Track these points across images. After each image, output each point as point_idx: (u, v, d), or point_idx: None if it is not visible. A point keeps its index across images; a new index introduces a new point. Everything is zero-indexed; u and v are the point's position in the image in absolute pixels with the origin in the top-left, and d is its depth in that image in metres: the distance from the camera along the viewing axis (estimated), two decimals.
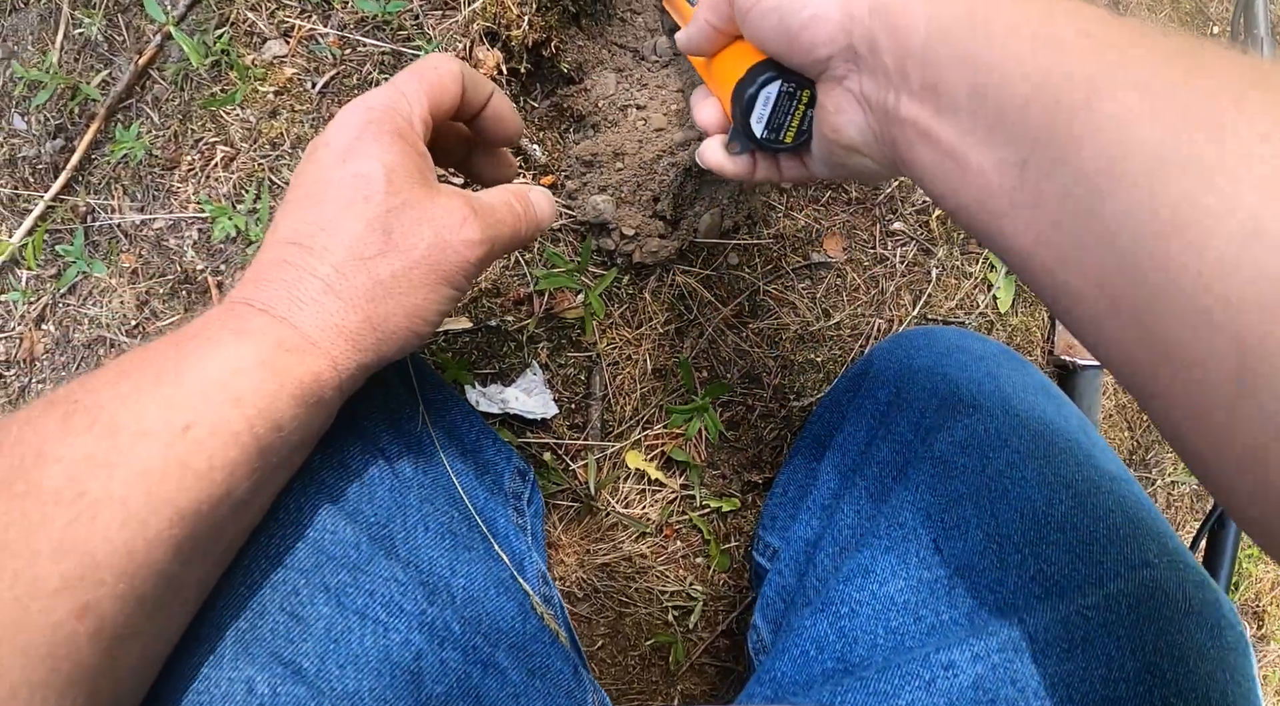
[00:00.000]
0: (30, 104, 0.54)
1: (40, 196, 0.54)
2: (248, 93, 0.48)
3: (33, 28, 0.55)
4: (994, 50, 0.20)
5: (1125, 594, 0.24)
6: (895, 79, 0.22)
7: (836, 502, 0.34)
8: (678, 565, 0.49)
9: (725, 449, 0.48)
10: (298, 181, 0.26)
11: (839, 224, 0.48)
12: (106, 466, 0.19)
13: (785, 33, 0.24)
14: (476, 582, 0.30)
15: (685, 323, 0.47)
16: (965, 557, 0.26)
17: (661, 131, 0.45)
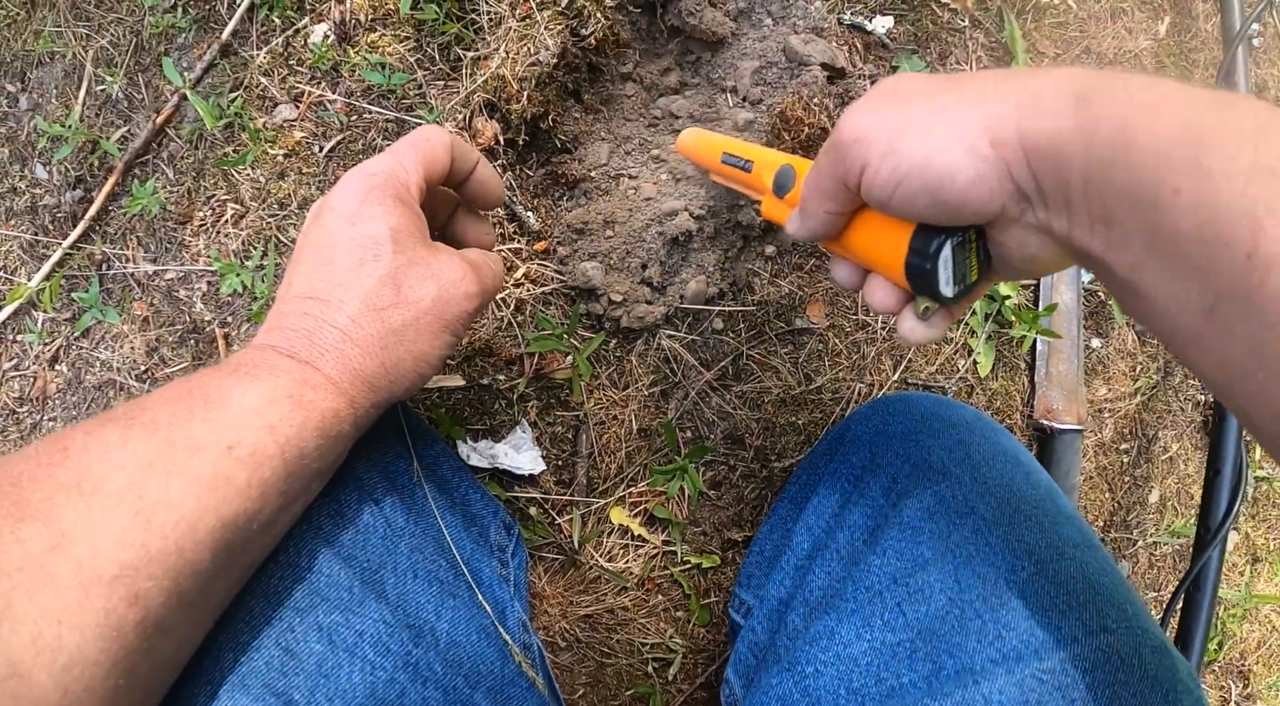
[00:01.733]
0: (52, 156, 0.57)
1: (59, 244, 0.57)
2: (258, 154, 0.51)
3: (57, 83, 0.58)
4: (1161, 190, 0.18)
5: (1082, 658, 0.24)
6: (1065, 211, 0.22)
7: (809, 563, 0.35)
8: (658, 618, 0.50)
9: (707, 506, 0.50)
10: (307, 242, 0.29)
11: (822, 290, 0.49)
12: (164, 474, 0.22)
13: (944, 207, 0.23)
14: (460, 627, 0.31)
15: (670, 384, 0.48)
16: (927, 622, 0.27)
17: (651, 200, 0.47)
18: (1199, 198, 0.18)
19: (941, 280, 0.25)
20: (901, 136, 0.24)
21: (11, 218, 0.60)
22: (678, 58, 0.49)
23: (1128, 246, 0.20)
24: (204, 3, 0.53)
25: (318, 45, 0.50)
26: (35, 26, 0.58)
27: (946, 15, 0.51)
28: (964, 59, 0.52)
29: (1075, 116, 0.20)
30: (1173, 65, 0.61)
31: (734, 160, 0.38)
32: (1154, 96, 0.20)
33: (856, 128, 0.25)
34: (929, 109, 0.24)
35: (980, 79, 0.24)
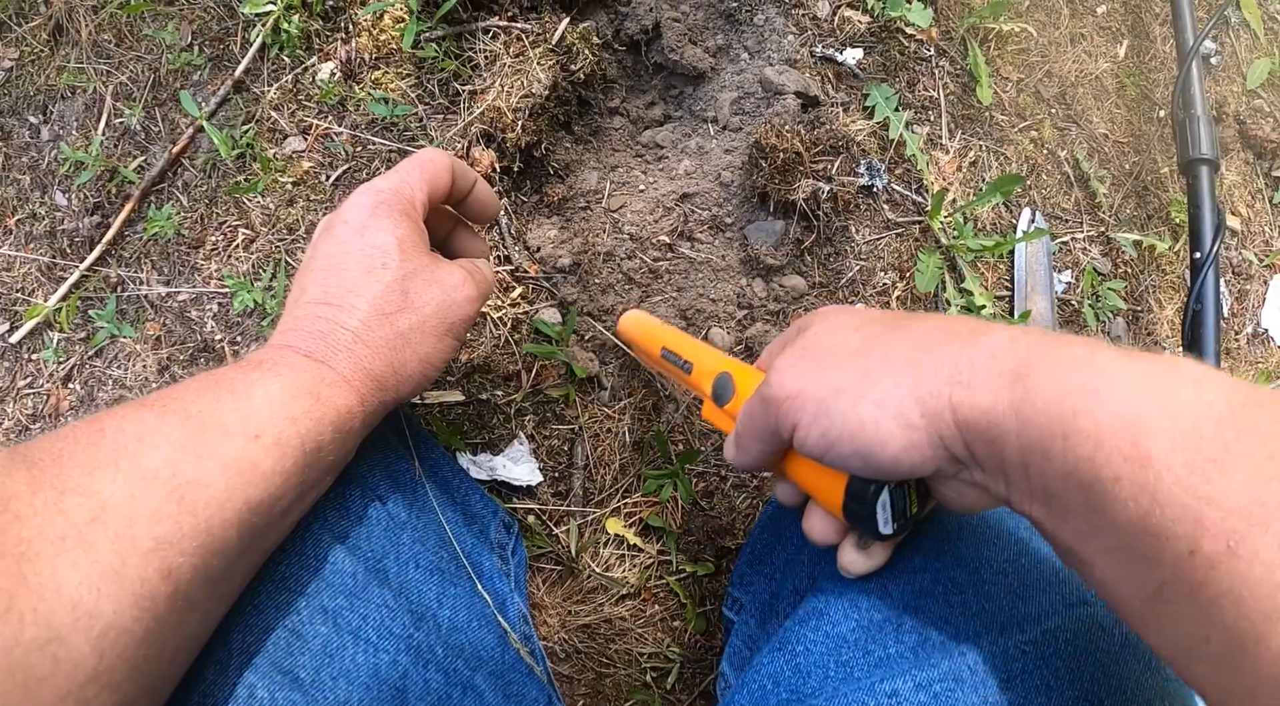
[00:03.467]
0: (72, 183, 0.61)
1: (76, 266, 0.60)
2: (269, 182, 0.54)
3: (78, 115, 0.62)
4: (1101, 477, 0.18)
5: (1063, 629, 0.25)
6: (1002, 480, 0.22)
7: (798, 555, 0.36)
8: (655, 627, 0.52)
9: (700, 516, 0.52)
10: (317, 252, 0.31)
11: (805, 305, 0.52)
12: (196, 455, 0.23)
13: (877, 469, 0.23)
14: (461, 614, 0.33)
15: (661, 398, 0.51)
16: (912, 599, 0.28)
17: (641, 221, 0.50)
18: (1139, 488, 0.17)
19: (880, 521, 0.26)
20: (831, 401, 0.23)
21: (31, 241, 0.63)
22: (661, 92, 0.53)
23: (1069, 521, 0.20)
24: (219, 42, 0.57)
25: (325, 81, 0.53)
26: (58, 63, 0.62)
27: (913, 46, 0.55)
28: (932, 86, 0.55)
29: (1010, 394, 0.20)
30: (1132, 85, 0.64)
31: (673, 358, 0.37)
32: (1091, 376, 0.19)
33: (786, 387, 0.25)
34: (857, 373, 0.23)
35: (911, 335, 0.23)
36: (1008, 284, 0.57)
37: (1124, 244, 0.61)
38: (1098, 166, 0.61)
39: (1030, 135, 0.59)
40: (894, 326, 0.25)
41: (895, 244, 0.54)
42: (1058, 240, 0.59)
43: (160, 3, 0.58)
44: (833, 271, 0.53)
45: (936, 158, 0.55)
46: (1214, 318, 0.55)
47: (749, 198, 0.50)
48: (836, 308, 0.30)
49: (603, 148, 0.52)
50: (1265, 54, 0.70)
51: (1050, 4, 0.61)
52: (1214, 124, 0.58)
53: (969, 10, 0.56)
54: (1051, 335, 0.22)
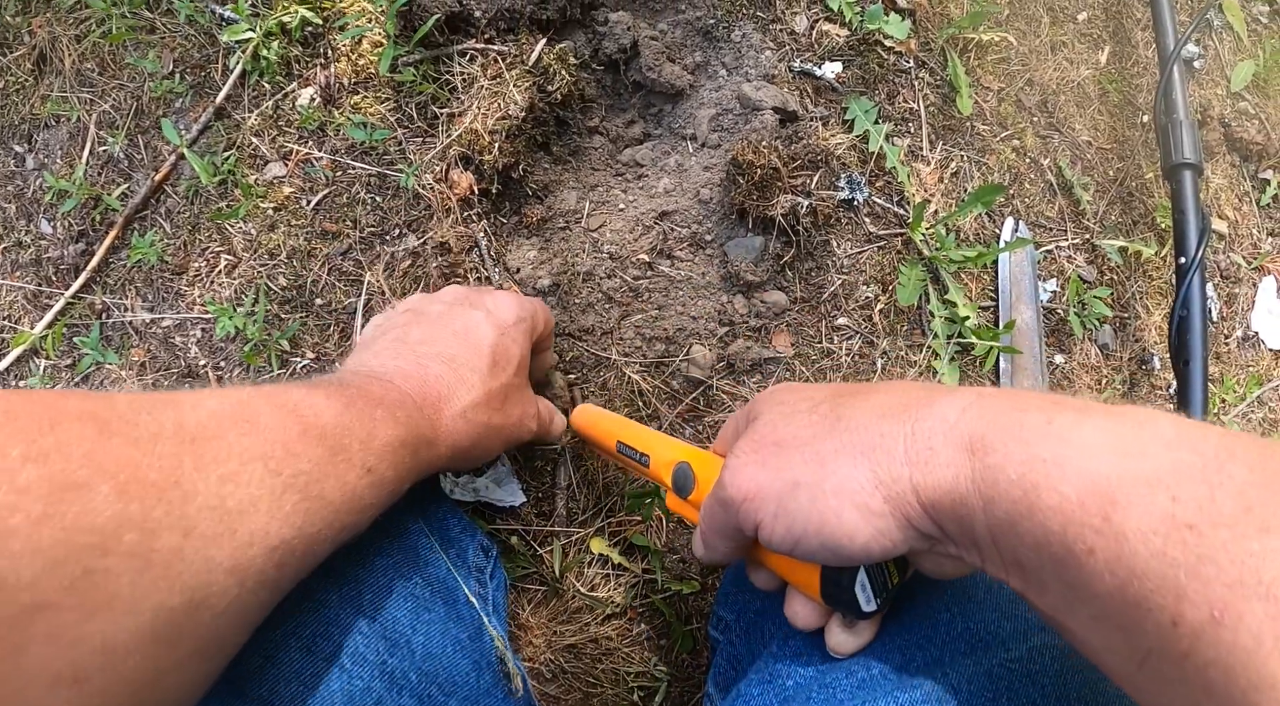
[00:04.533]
0: (57, 211, 0.61)
1: (61, 294, 0.60)
2: (250, 208, 0.55)
3: (62, 144, 0.63)
4: (1073, 551, 0.17)
5: (1049, 647, 0.25)
6: (975, 552, 0.21)
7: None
8: (642, 647, 0.52)
9: (685, 534, 0.52)
10: (451, 320, 0.36)
11: (787, 321, 0.52)
12: (324, 475, 0.25)
13: (848, 559, 0.23)
14: (435, 640, 0.34)
15: (644, 417, 0.51)
16: (897, 622, 0.28)
17: (620, 240, 0.50)
18: (1114, 560, 0.17)
19: (862, 601, 0.25)
20: (789, 498, 0.23)
21: (17, 269, 0.64)
22: (641, 110, 0.53)
23: (1046, 593, 0.20)
24: (199, 69, 0.57)
25: (305, 107, 0.54)
26: (42, 92, 0.63)
27: (892, 58, 0.55)
28: (911, 97, 0.56)
29: (971, 470, 0.20)
30: (1115, 91, 0.65)
31: (629, 451, 0.38)
32: (1052, 446, 0.19)
33: (742, 488, 0.25)
34: (812, 463, 0.23)
35: (862, 413, 0.23)
36: (992, 294, 0.57)
37: (1109, 251, 0.61)
38: (1081, 174, 0.61)
39: (1012, 144, 0.59)
40: (844, 404, 0.24)
41: (877, 257, 0.54)
42: (1042, 249, 0.59)
43: (142, 31, 0.58)
44: (814, 286, 0.53)
45: (918, 169, 0.55)
46: (1200, 323, 0.55)
47: (728, 214, 0.51)
48: (785, 386, 0.30)
49: (582, 167, 0.52)
50: (1249, 56, 0.71)
51: (1030, 12, 0.61)
52: (1197, 128, 0.58)
53: (948, 21, 0.56)
54: (1005, 397, 0.21)
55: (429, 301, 0.38)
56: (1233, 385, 0.66)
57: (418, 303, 0.39)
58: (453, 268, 0.49)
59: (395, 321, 0.38)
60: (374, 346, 0.35)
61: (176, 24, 0.58)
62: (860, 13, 0.53)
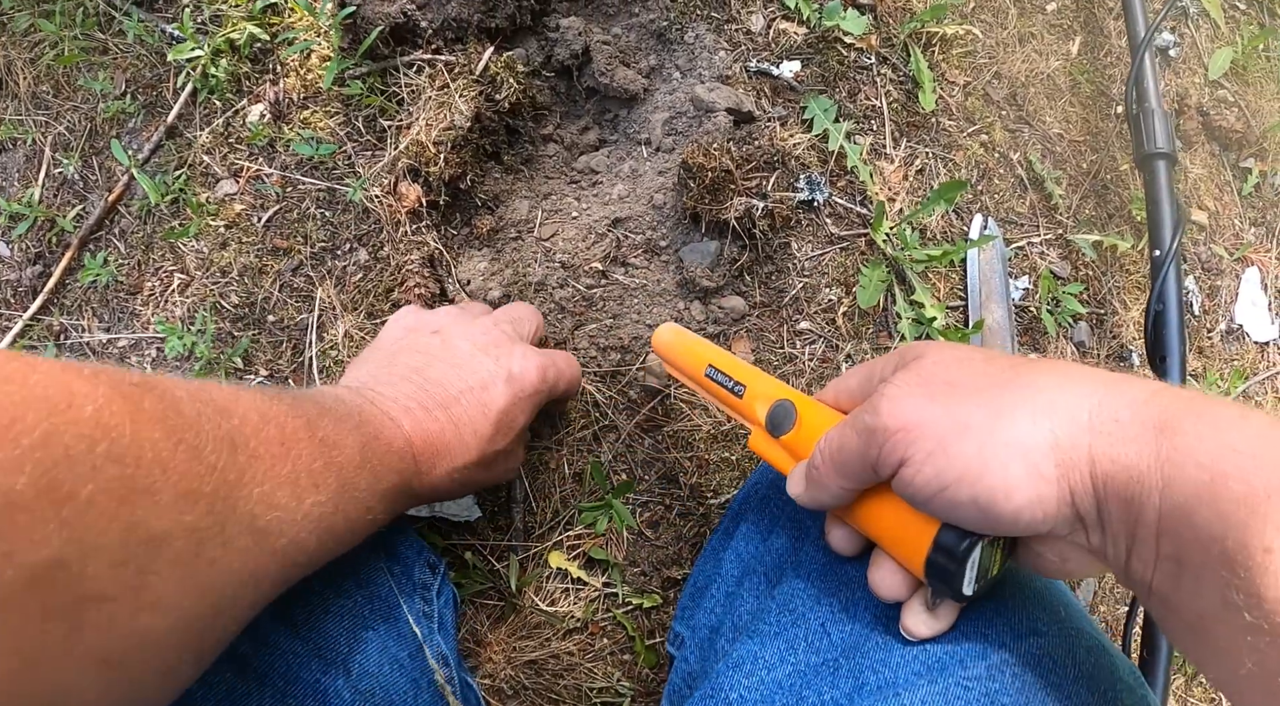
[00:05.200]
0: (13, 233, 0.61)
1: (19, 316, 0.60)
2: (202, 226, 0.54)
3: (19, 166, 0.63)
4: (1250, 547, 0.17)
5: (1010, 663, 0.24)
6: (1126, 543, 0.20)
7: (738, 589, 0.36)
8: (604, 662, 0.51)
9: (645, 547, 0.51)
10: (473, 373, 0.37)
11: (746, 326, 0.51)
12: (322, 482, 0.27)
13: (989, 521, 0.21)
14: (372, 659, 0.33)
15: (601, 428, 0.50)
16: (852, 639, 0.27)
17: (573, 249, 0.49)
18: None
19: (965, 580, 0.24)
20: (955, 438, 0.21)
21: None
22: (595, 116, 0.52)
23: (1199, 595, 0.18)
24: (151, 89, 0.57)
25: (255, 124, 0.54)
26: None
27: (852, 55, 0.54)
28: (874, 94, 0.55)
29: (1156, 448, 0.19)
30: (1086, 82, 0.63)
31: (722, 378, 0.34)
32: (1246, 437, 0.18)
33: (902, 417, 0.23)
34: (988, 409, 0.21)
35: (1045, 376, 0.21)
36: (961, 294, 0.56)
37: (1083, 246, 0.60)
38: (1052, 167, 0.60)
39: (980, 139, 0.58)
40: (1023, 364, 0.23)
41: (840, 258, 0.53)
42: (1013, 245, 0.58)
43: (94, 53, 0.58)
44: (775, 290, 0.52)
45: (881, 168, 0.54)
46: (1177, 317, 0.53)
47: (682, 219, 0.50)
48: (946, 342, 0.29)
49: (535, 176, 0.52)
50: (1227, 43, 0.69)
51: (997, 4, 0.60)
52: (1169, 117, 0.57)
53: (910, 15, 0.55)
54: (1194, 392, 0.20)
55: (459, 333, 0.39)
56: (1215, 379, 0.64)
57: (449, 326, 0.39)
58: (402, 283, 0.49)
59: (420, 344, 0.38)
60: (394, 366, 0.37)
61: (127, 44, 0.58)
62: (818, 9, 0.53)
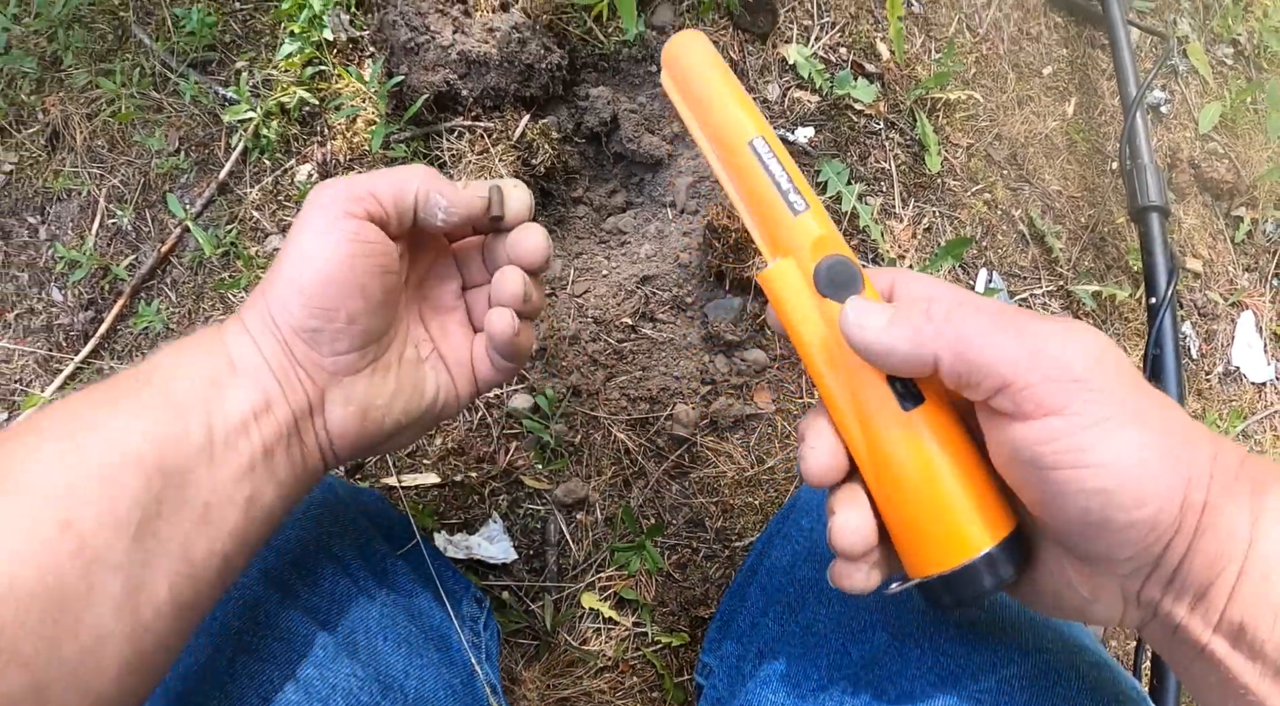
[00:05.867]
0: (68, 280, 0.65)
1: (71, 358, 0.64)
2: (252, 278, 0.58)
3: (73, 216, 0.67)
4: None
5: (1019, 676, 0.26)
6: (1191, 597, 0.19)
7: (763, 619, 0.38)
8: (634, 699, 0.54)
9: (674, 587, 0.54)
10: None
11: (767, 378, 0.55)
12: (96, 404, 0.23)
13: (1097, 526, 0.19)
14: (428, 685, 0.35)
15: (630, 474, 0.54)
16: (870, 656, 0.29)
17: (604, 305, 0.53)
18: None
19: (950, 604, 0.21)
20: (1124, 420, 0.19)
21: (29, 335, 0.67)
22: (623, 180, 0.57)
23: (1263, 659, 0.18)
24: (203, 147, 0.61)
25: (303, 182, 0.58)
26: (54, 167, 0.67)
27: (862, 121, 0.58)
28: (883, 157, 0.59)
29: (1250, 508, 0.18)
30: (1082, 141, 0.68)
31: (775, 171, 0.23)
32: None
33: (1078, 367, 0.19)
34: (1134, 403, 0.19)
35: (1174, 415, 0.20)
36: None
37: (1083, 296, 0.63)
38: (1052, 222, 0.64)
39: (983, 198, 0.62)
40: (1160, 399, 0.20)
41: None
42: (1016, 297, 0.62)
43: (149, 111, 0.63)
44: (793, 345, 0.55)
45: (891, 227, 0.58)
46: (1174, 361, 0.57)
47: (706, 277, 0.54)
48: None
49: (567, 236, 0.56)
50: (1216, 97, 0.74)
51: (996, 70, 0.65)
52: (1161, 171, 0.61)
53: (915, 82, 0.60)
54: (1276, 464, 0.20)
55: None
56: (1215, 420, 0.68)
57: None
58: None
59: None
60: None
61: (182, 104, 0.62)
62: (830, 79, 0.57)
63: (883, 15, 0.59)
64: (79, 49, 0.64)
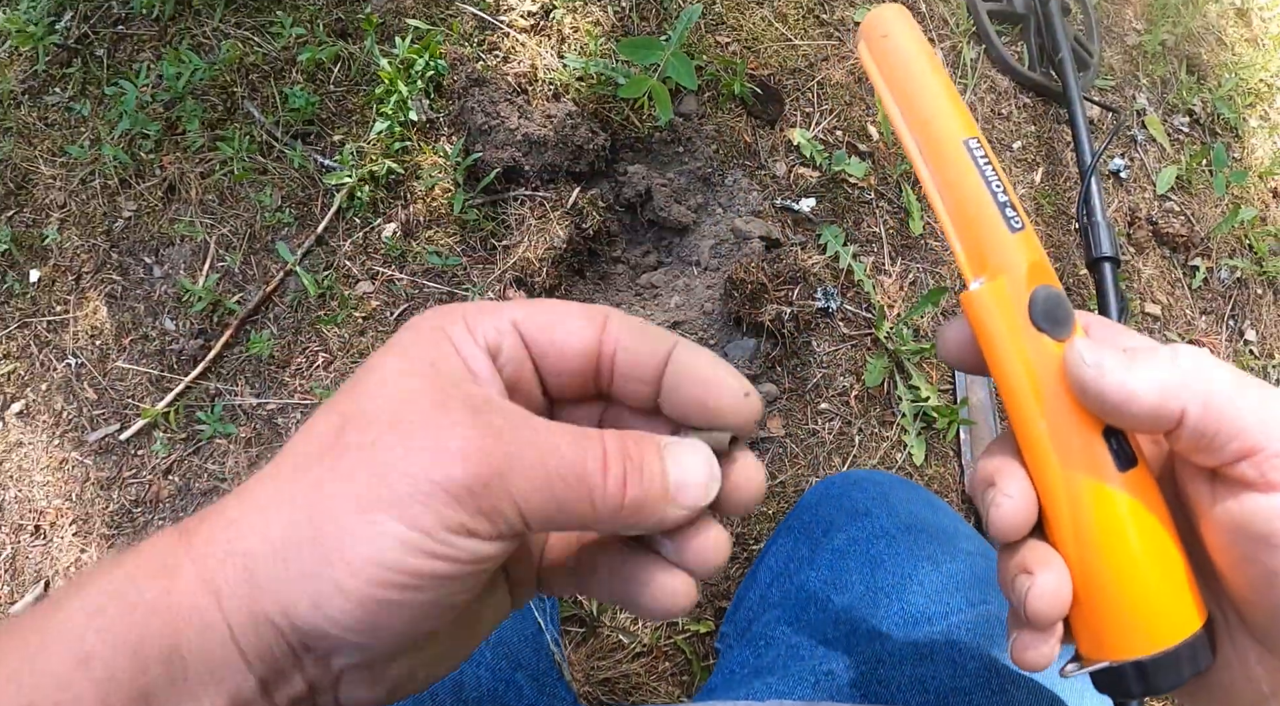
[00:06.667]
0: (180, 311, 0.78)
1: (181, 379, 0.77)
2: (344, 316, 0.71)
3: (185, 259, 0.80)
4: None
5: (966, 622, 0.33)
6: None
7: (769, 590, 0.45)
8: (667, 681, 0.65)
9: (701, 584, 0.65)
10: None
11: (777, 407, 0.67)
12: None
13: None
14: (505, 627, 0.40)
15: None
16: (850, 602, 0.36)
17: None
18: None
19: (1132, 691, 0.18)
20: None
21: (142, 358, 0.80)
22: (655, 243, 0.69)
23: None
24: (303, 205, 0.75)
25: (389, 238, 0.71)
26: (170, 215, 0.81)
27: (856, 192, 0.71)
28: (874, 223, 0.71)
29: None
30: (1048, 204, 0.80)
31: (991, 178, 0.20)
32: None
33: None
34: None
35: None
36: (949, 380, 0.72)
37: None
38: None
39: None
40: None
41: (850, 353, 0.69)
42: None
43: (256, 172, 0.76)
44: (800, 379, 0.67)
45: (881, 281, 0.70)
46: None
47: (727, 323, 0.66)
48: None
49: (609, 289, 0.68)
50: (1173, 161, 0.86)
51: None
52: (1112, 226, 0.72)
53: (900, 159, 0.72)
54: None
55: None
56: None
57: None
58: None
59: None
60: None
61: (285, 168, 0.75)
62: (828, 157, 0.70)
63: (873, 103, 0.73)
64: (196, 116, 0.78)
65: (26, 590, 0.80)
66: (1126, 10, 0.88)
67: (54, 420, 0.81)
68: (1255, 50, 0.93)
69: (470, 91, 0.67)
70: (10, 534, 0.81)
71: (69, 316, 0.82)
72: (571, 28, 0.71)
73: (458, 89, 0.69)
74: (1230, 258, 0.86)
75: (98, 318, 0.82)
